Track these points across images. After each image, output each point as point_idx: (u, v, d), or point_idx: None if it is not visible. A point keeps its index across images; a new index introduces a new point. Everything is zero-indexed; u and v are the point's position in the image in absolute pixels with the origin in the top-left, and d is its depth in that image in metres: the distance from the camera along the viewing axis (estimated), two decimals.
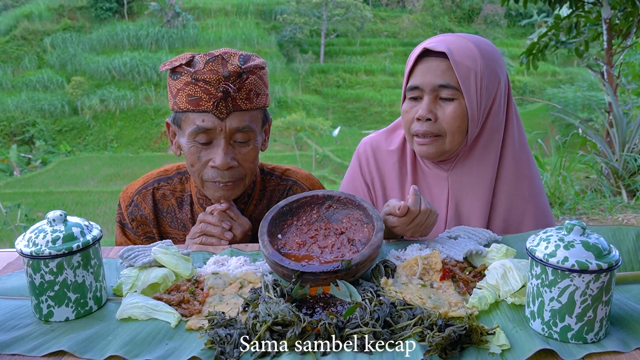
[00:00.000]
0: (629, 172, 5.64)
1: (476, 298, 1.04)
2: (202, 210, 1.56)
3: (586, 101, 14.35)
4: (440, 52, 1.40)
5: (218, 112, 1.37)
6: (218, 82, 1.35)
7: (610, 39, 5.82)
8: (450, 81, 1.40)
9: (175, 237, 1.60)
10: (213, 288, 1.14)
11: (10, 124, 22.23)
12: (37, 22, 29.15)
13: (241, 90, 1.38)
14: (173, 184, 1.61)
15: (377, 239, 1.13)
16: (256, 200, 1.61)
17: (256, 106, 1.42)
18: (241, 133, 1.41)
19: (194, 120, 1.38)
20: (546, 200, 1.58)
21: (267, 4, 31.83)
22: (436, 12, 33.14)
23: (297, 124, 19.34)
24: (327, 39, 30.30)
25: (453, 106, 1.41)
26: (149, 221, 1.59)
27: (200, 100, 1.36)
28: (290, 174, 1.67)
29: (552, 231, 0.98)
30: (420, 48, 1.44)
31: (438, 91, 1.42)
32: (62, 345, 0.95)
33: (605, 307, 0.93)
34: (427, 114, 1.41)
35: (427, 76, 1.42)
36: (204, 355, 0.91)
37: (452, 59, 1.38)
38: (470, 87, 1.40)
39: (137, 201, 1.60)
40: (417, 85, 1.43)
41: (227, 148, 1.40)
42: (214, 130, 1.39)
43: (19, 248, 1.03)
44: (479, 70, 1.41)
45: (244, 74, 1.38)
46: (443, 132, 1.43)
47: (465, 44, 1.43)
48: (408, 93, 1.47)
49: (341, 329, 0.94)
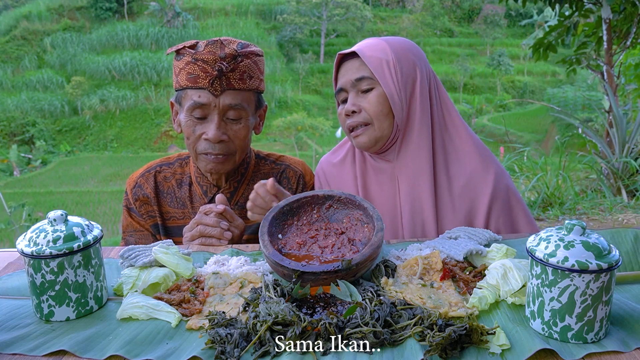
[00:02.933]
0: (628, 172, 5.64)
1: (476, 298, 1.04)
2: (200, 189, 1.68)
3: (586, 101, 14.35)
4: (353, 54, 1.56)
5: (213, 89, 1.50)
6: (214, 62, 1.49)
7: (610, 39, 5.82)
8: (365, 73, 1.53)
9: (175, 215, 1.70)
10: (213, 288, 1.14)
11: (10, 124, 22.24)
12: (37, 22, 29.15)
13: (235, 71, 1.51)
14: (174, 167, 1.74)
15: (377, 239, 1.13)
16: (249, 180, 1.72)
17: (249, 87, 1.55)
18: (233, 110, 1.54)
19: (192, 96, 1.52)
20: (498, 168, 1.61)
21: (267, 4, 31.84)
22: (436, 12, 33.15)
23: (298, 124, 19.35)
24: (327, 39, 30.30)
25: (372, 94, 1.54)
26: (151, 200, 1.69)
27: (197, 78, 1.50)
28: (284, 159, 1.81)
29: (552, 231, 0.98)
30: (338, 56, 1.61)
31: (357, 85, 1.55)
32: (63, 344, 0.95)
33: (605, 307, 0.93)
34: (352, 107, 1.55)
35: (345, 76, 1.57)
36: (205, 355, 0.91)
37: (363, 54, 1.53)
38: (385, 74, 1.52)
39: (140, 182, 1.71)
40: (341, 87, 1.58)
41: (219, 123, 1.53)
42: (209, 105, 1.52)
43: (20, 248, 1.03)
44: (391, 58, 1.53)
45: (239, 56, 1.52)
46: (370, 119, 1.54)
47: (375, 41, 1.58)
48: (337, 97, 1.62)
49: (341, 328, 0.94)
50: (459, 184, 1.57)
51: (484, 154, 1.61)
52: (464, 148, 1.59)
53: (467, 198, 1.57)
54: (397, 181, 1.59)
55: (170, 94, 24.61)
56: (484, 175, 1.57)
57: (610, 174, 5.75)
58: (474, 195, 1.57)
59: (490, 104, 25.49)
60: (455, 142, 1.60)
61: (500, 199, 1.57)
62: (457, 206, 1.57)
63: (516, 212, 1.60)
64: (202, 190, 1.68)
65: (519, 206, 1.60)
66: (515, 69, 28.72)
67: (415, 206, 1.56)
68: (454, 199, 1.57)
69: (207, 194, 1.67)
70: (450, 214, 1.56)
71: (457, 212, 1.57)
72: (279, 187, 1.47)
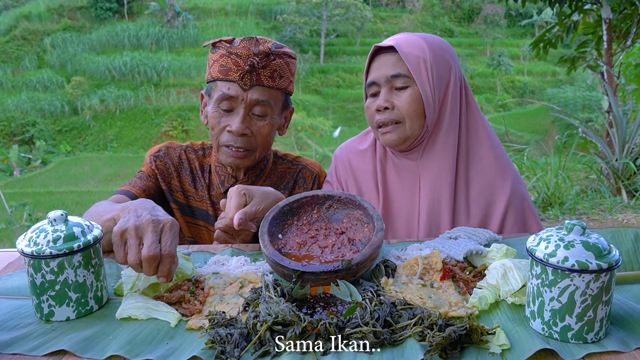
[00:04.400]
0: (628, 172, 5.64)
1: (476, 298, 1.04)
2: (217, 177, 1.70)
3: (586, 101, 14.36)
4: (390, 47, 1.52)
5: (243, 83, 1.53)
6: (247, 57, 1.52)
7: (610, 39, 5.82)
8: (402, 70, 1.51)
9: (193, 196, 1.72)
10: (213, 288, 1.14)
11: (10, 124, 22.23)
12: (37, 22, 29.14)
13: (266, 68, 1.54)
14: (198, 153, 1.77)
15: (377, 239, 1.13)
16: (266, 177, 1.74)
17: (278, 86, 1.58)
18: (260, 106, 1.56)
19: (221, 87, 1.56)
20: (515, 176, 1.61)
21: (267, 4, 31.83)
22: (436, 12, 33.14)
23: (298, 124, 19.35)
24: (327, 39, 30.30)
25: (407, 92, 1.51)
26: (171, 172, 1.71)
27: (229, 71, 1.54)
28: (301, 160, 1.83)
29: (552, 231, 0.98)
30: (373, 48, 1.56)
31: (392, 82, 1.52)
32: (63, 344, 0.95)
33: (605, 307, 0.93)
34: (384, 103, 1.52)
35: (380, 70, 1.54)
36: (205, 355, 0.91)
37: (401, 50, 1.50)
38: (422, 73, 1.50)
39: (166, 151, 1.74)
40: (373, 81, 1.55)
41: (245, 117, 1.56)
42: (237, 98, 1.55)
43: (20, 248, 1.03)
44: (428, 57, 1.51)
45: (272, 55, 1.55)
46: (402, 118, 1.52)
47: (413, 37, 1.55)
48: (367, 90, 1.59)
49: (341, 328, 0.94)
50: (476, 189, 1.56)
51: (503, 160, 1.59)
52: (485, 153, 1.58)
53: (482, 203, 1.56)
54: (418, 180, 1.58)
55: (171, 94, 24.65)
56: (501, 182, 1.56)
57: (610, 174, 5.75)
58: (490, 200, 1.56)
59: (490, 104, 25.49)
60: (476, 147, 1.58)
61: (515, 207, 1.56)
62: (473, 211, 1.56)
63: (530, 223, 1.59)
64: (220, 180, 1.70)
65: (533, 218, 1.59)
66: (515, 69, 28.70)
67: (434, 207, 1.55)
68: (469, 203, 1.56)
69: (225, 184, 1.69)
70: (464, 219, 1.56)
71: (471, 217, 1.56)
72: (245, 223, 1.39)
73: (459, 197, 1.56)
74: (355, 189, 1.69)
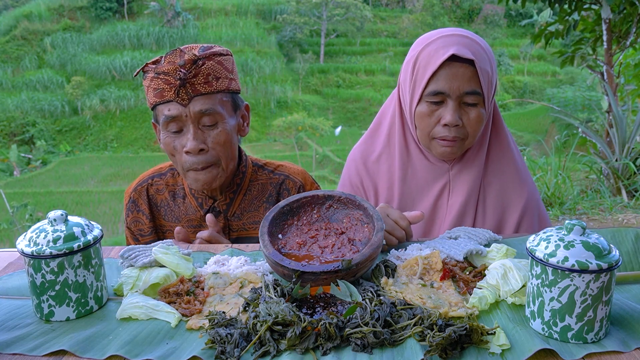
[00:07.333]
0: (628, 172, 5.64)
1: (476, 298, 1.04)
2: (195, 201, 1.64)
3: (586, 101, 14.35)
4: (466, 58, 1.40)
5: (180, 99, 1.45)
6: (175, 72, 1.43)
7: (610, 39, 5.82)
8: (477, 88, 1.43)
9: (170, 229, 1.66)
10: (213, 288, 1.14)
11: (10, 124, 22.23)
12: (37, 22, 29.13)
13: (198, 76, 1.45)
14: (166, 178, 1.69)
15: (377, 239, 1.13)
16: (245, 191, 1.66)
17: (217, 89, 1.49)
18: (207, 116, 1.48)
19: (162, 111, 1.48)
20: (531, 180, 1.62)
21: (267, 4, 31.81)
22: (436, 12, 33.13)
23: (298, 124, 19.34)
24: (327, 39, 30.29)
25: (476, 111, 1.45)
26: (145, 216, 1.66)
27: (163, 91, 1.46)
28: (283, 169, 1.72)
29: (552, 231, 0.98)
30: (447, 53, 1.40)
31: (463, 97, 1.43)
32: (63, 344, 0.95)
33: (605, 307, 0.93)
34: (457, 121, 1.44)
35: (454, 82, 1.41)
36: (205, 355, 0.91)
37: (478, 66, 1.40)
38: (489, 92, 1.46)
39: (134, 198, 1.68)
40: (443, 91, 1.43)
41: (195, 132, 1.48)
42: (180, 117, 1.47)
43: (20, 248, 1.03)
44: (493, 74, 1.46)
45: (199, 60, 1.45)
46: (466, 135, 1.48)
47: (479, 49, 1.44)
48: (428, 97, 1.45)
49: (341, 328, 0.94)
50: (492, 195, 1.56)
51: (522, 165, 1.59)
52: (505, 161, 1.57)
53: (499, 208, 1.56)
54: (449, 184, 1.56)
55: None
56: (519, 187, 1.56)
57: (610, 174, 5.75)
58: (506, 205, 1.55)
59: None
60: (498, 153, 1.58)
61: (531, 213, 1.56)
62: (489, 215, 1.56)
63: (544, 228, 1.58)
64: (198, 203, 1.63)
65: (546, 224, 1.59)
66: (515, 69, 28.70)
67: (461, 211, 1.54)
68: (486, 207, 1.56)
69: (203, 207, 1.62)
70: (481, 222, 1.56)
71: (487, 220, 1.56)
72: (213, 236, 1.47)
73: (479, 200, 1.56)
74: (372, 190, 1.66)
